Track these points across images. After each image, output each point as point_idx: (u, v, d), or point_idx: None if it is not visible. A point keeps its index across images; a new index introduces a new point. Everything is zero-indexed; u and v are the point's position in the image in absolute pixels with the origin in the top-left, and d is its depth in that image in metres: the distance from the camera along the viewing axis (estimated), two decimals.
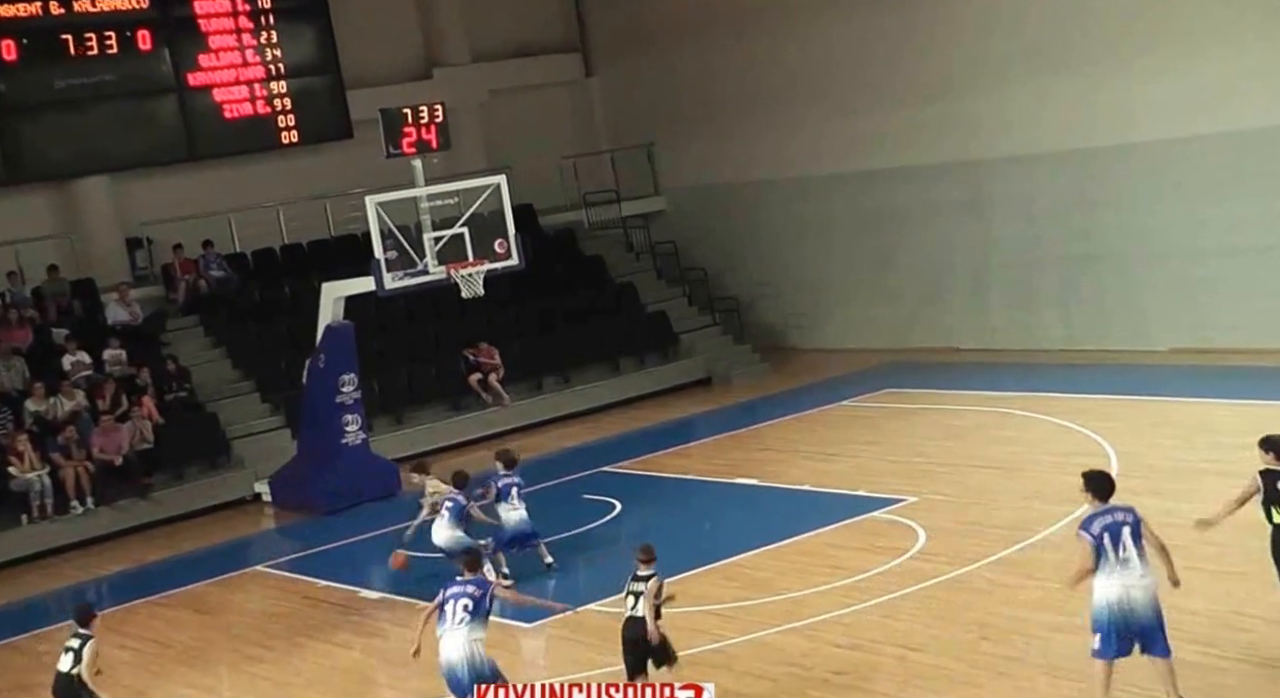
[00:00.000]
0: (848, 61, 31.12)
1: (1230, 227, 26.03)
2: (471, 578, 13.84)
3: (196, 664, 17.65)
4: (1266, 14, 24.73)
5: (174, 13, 30.57)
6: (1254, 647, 13.42)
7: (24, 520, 24.84)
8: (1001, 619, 15.17)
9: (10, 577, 23.71)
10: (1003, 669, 13.78)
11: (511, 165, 27.82)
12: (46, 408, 26.23)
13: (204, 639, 18.80)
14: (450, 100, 26.29)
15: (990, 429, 23.77)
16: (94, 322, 29.05)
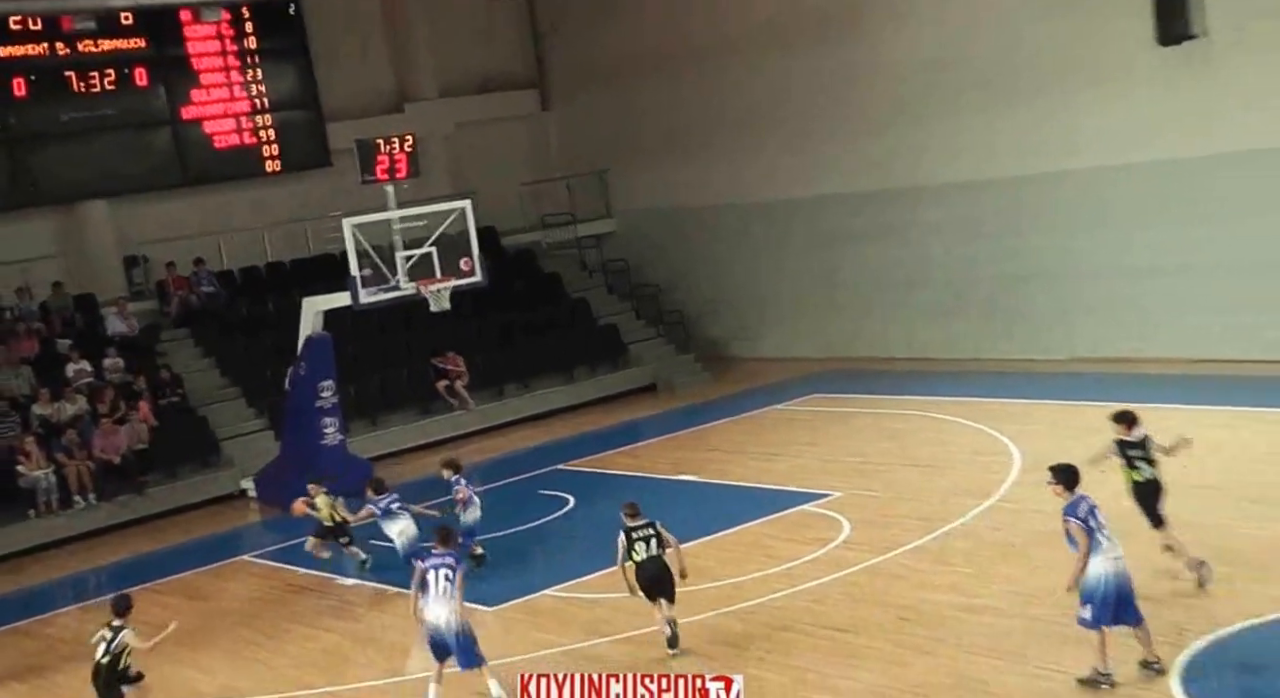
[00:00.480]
0: (792, 95, 31.08)
1: (1154, 248, 26.04)
2: (447, 551, 14.09)
3: (192, 646, 17.52)
4: (1189, 58, 24.87)
5: (168, 52, 30.68)
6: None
7: (31, 515, 24.82)
8: (917, 602, 15.24)
9: (18, 567, 23.61)
10: (920, 647, 13.83)
11: (475, 191, 27.76)
12: (52, 412, 26.17)
13: (197, 623, 18.66)
14: (419, 132, 26.24)
15: (914, 432, 23.79)
16: (94, 333, 28.96)
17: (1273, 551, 15.33)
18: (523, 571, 18.81)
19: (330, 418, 25.07)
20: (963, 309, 29.05)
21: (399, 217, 23.43)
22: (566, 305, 33.40)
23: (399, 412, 29.30)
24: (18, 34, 29.06)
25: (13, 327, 28.41)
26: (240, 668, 16.62)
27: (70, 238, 30.82)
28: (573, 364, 31.31)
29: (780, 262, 32.37)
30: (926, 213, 29.30)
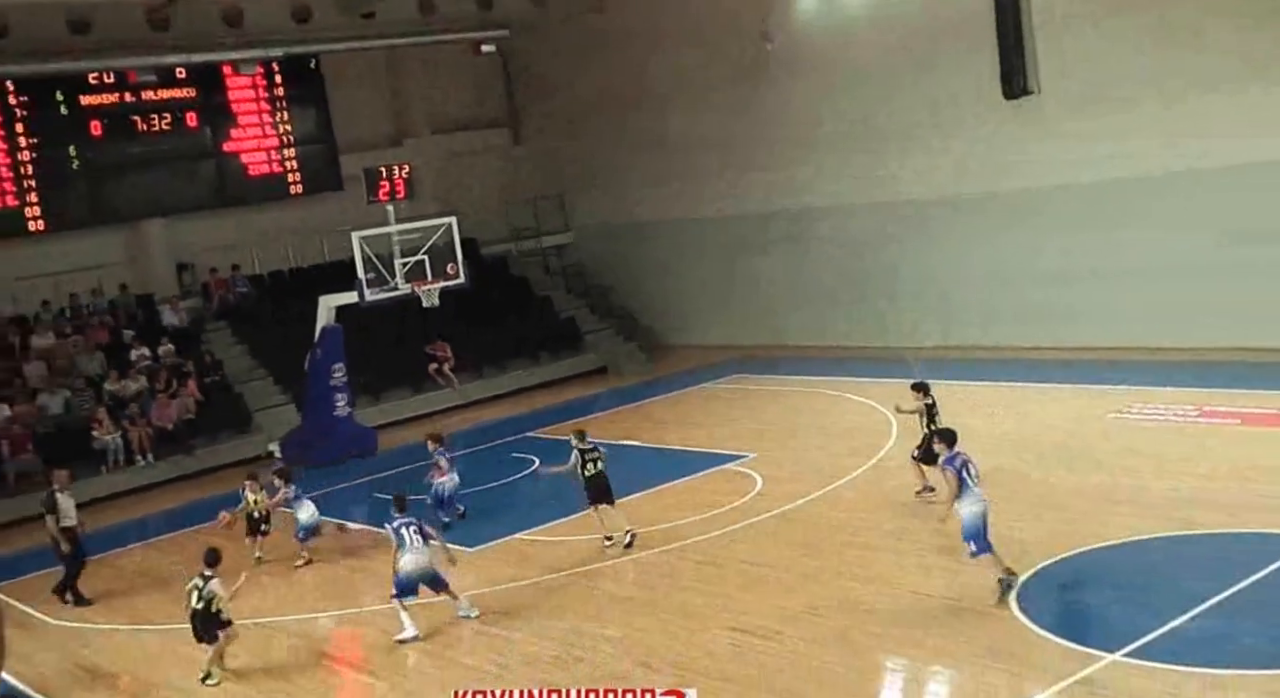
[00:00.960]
0: (714, 132, 30.78)
1: (983, 260, 26.30)
2: (404, 516, 14.33)
3: (227, 577, 17.35)
4: (1005, 114, 25.08)
5: (213, 99, 30.67)
6: None
7: (103, 470, 24.70)
8: (816, 539, 15.27)
9: (93, 512, 23.17)
10: (814, 576, 13.89)
11: (459, 209, 27.51)
12: (119, 388, 26.06)
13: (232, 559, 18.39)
14: (415, 162, 26.26)
15: (809, 404, 23.83)
16: (152, 325, 28.72)
17: (1080, 495, 15.46)
18: (497, 519, 18.71)
19: (341, 394, 24.91)
20: (848, 306, 29.05)
21: (397, 230, 23.26)
22: (533, 302, 33.23)
23: (397, 389, 29.11)
24: (94, 86, 29.07)
25: (89, 320, 28.35)
26: (266, 596, 16.50)
27: (134, 248, 30.49)
28: (538, 350, 31.17)
29: (707, 267, 32.31)
30: (818, 228, 29.34)
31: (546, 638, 13.22)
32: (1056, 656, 10.93)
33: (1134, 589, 12.33)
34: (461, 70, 34.64)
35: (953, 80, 25.99)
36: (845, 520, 15.98)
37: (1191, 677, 10.10)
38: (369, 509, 20.71)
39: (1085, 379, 22.07)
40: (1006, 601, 12.24)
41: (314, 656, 14.04)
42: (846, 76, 27.95)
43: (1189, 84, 22.47)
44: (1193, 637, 10.86)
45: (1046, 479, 16.51)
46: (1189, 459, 16.48)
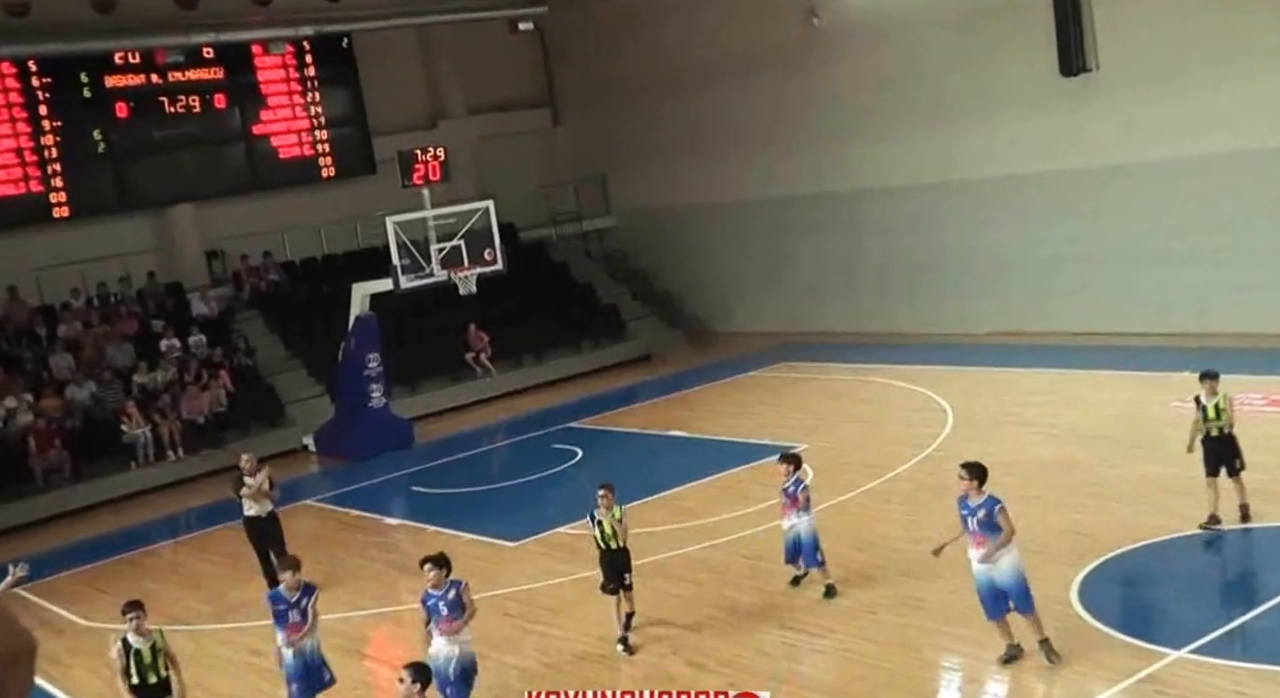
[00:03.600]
0: (757, 113, 31.06)
1: (1038, 242, 26.31)
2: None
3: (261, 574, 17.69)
4: (1085, 87, 25.04)
5: (242, 80, 30.79)
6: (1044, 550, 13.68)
7: (132, 466, 24.99)
8: (869, 535, 15.37)
9: (122, 509, 23.74)
10: (869, 573, 13.97)
11: (496, 193, 27.73)
12: (148, 380, 26.29)
13: None
14: (450, 144, 26.27)
15: (859, 393, 23.95)
16: (182, 314, 29.01)
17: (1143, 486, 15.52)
18: (539, 511, 18.89)
19: (376, 385, 25.14)
20: (898, 290, 29.16)
21: (433, 215, 23.47)
22: (574, 289, 33.41)
23: (433, 379, 29.32)
24: (120, 67, 29.21)
25: (116, 309, 28.63)
26: None
27: (162, 235, 30.85)
28: (579, 338, 31.34)
29: (753, 251, 32.41)
30: (868, 210, 29.40)
31: (594, 636, 13.40)
32: (1120, 653, 11.04)
33: (1198, 584, 12.44)
34: (498, 49, 34.80)
35: (1008, 57, 25.99)
36: (899, 514, 16.07)
37: (1259, 675, 10.19)
38: (407, 504, 21.00)
39: (1145, 366, 22.02)
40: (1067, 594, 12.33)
41: (352, 655, 14.25)
42: (896, 54, 27.98)
43: (1256, 59, 22.41)
44: (1260, 633, 10.95)
45: (1107, 469, 16.55)
46: (1254, 449, 16.34)
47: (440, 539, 18.22)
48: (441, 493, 21.32)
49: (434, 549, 17.57)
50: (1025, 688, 11.04)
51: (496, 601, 14.74)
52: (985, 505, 11.05)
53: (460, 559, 16.84)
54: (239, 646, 14.91)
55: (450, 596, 11.48)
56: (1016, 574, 10.96)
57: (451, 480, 21.99)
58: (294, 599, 12.00)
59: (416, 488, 22.04)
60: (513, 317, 30.74)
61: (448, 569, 11.68)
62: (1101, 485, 15.84)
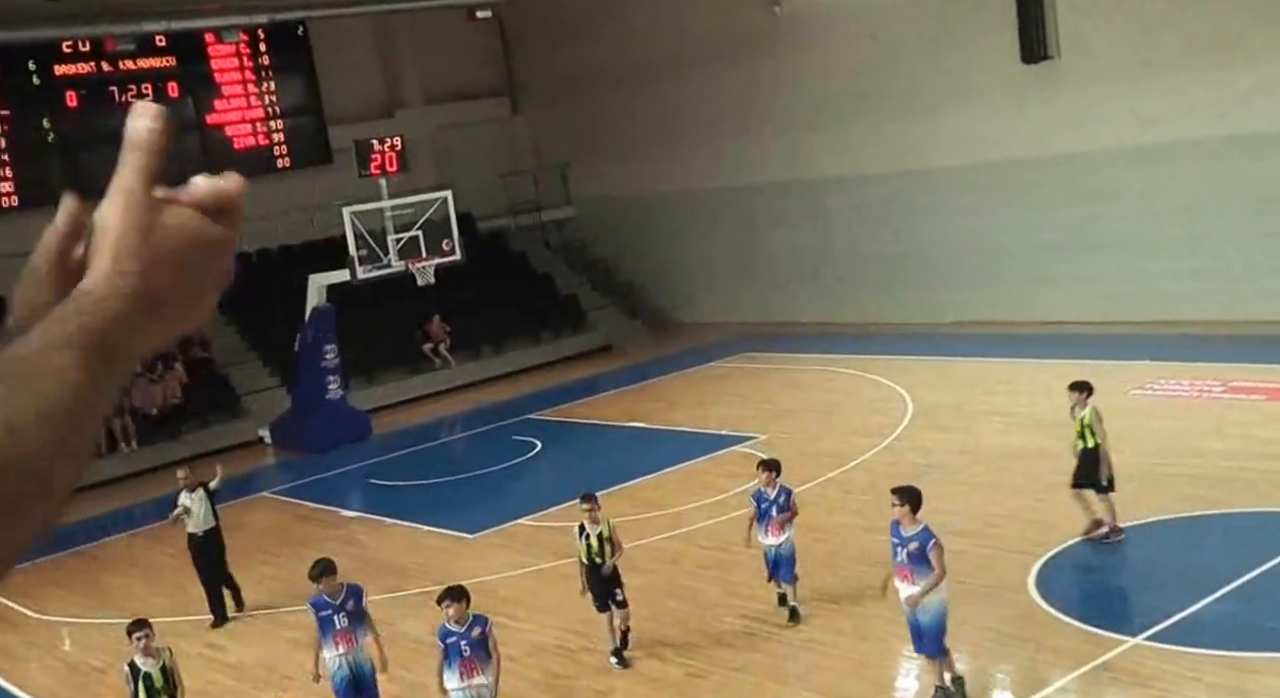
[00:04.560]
0: (721, 102, 31.09)
1: (999, 231, 26.55)
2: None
3: None
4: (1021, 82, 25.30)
5: (195, 68, 30.61)
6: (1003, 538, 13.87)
7: None
8: (828, 523, 15.49)
9: (76, 501, 23.16)
10: (827, 561, 14.09)
11: (455, 183, 27.74)
12: None
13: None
14: (407, 134, 26.26)
15: (822, 383, 24.07)
16: None
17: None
18: (499, 503, 18.94)
19: (333, 376, 25.14)
20: (863, 280, 29.32)
21: (390, 205, 23.48)
22: (533, 279, 33.43)
23: (391, 370, 29.31)
24: (69, 55, 29.02)
25: None
26: (261, 585, 16.76)
27: None
28: (538, 329, 31.37)
29: (713, 241, 32.52)
30: (831, 199, 29.54)
31: (553, 627, 13.48)
32: (1076, 640, 11.21)
33: (1156, 571, 12.63)
34: (456, 37, 34.73)
35: (970, 45, 26.17)
36: (858, 504, 16.22)
37: (1214, 660, 10.39)
38: (364, 496, 21.01)
39: (1106, 354, 22.26)
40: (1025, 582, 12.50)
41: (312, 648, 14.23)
42: (857, 43, 28.11)
43: (1216, 48, 22.68)
44: (1215, 620, 11.14)
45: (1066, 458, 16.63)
46: (1213, 436, 16.75)
47: (399, 531, 18.29)
48: (400, 485, 21.34)
49: (392, 541, 17.77)
50: (983, 676, 11.19)
51: None
52: (919, 539, 10.35)
53: (419, 552, 17.01)
54: (198, 640, 14.90)
55: (474, 634, 10.35)
56: (938, 618, 10.37)
57: (410, 473, 22.01)
58: (339, 602, 11.05)
59: (374, 480, 22.05)
60: (471, 307, 30.74)
61: (467, 602, 10.58)
62: (1061, 474, 15.90)
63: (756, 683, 11.56)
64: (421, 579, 15.71)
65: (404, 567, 16.47)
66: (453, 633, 10.35)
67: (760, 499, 12.80)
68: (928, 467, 17.11)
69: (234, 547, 18.54)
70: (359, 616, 11.14)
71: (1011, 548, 13.59)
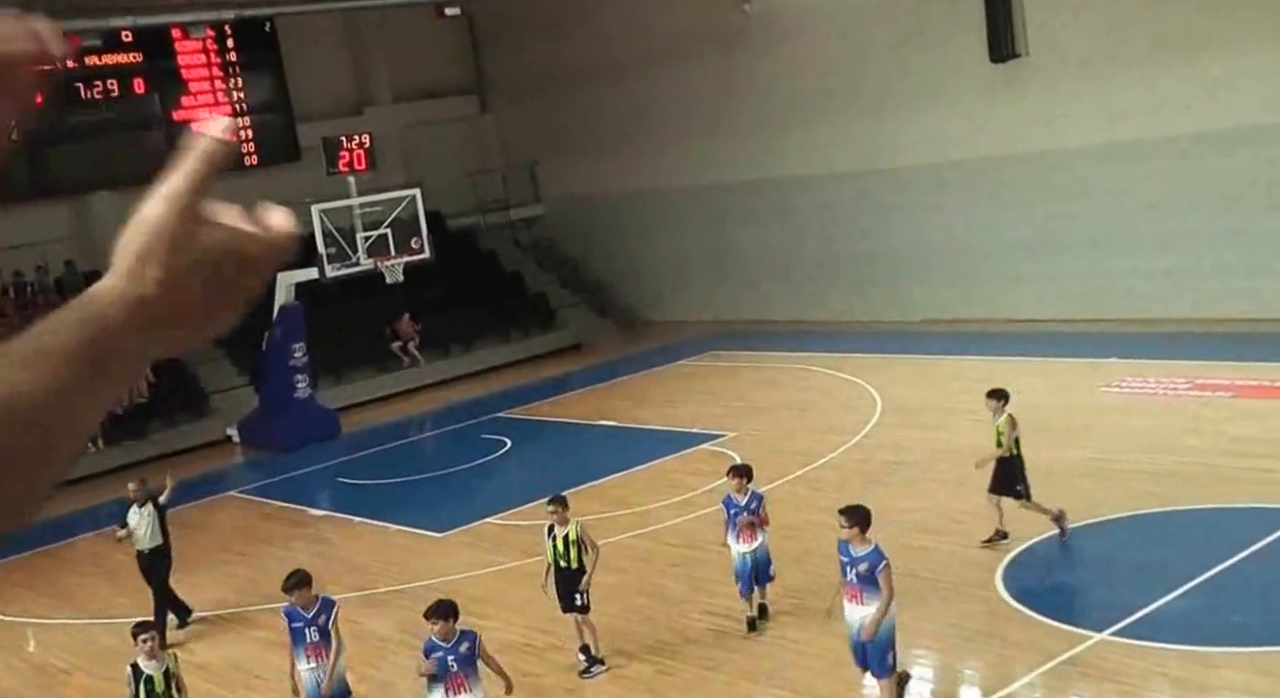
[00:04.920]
0: (690, 101, 31.17)
1: (969, 229, 26.70)
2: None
3: (187, 567, 17.49)
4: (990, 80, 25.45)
5: (161, 64, 30.33)
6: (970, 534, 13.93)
7: None
8: (796, 521, 15.50)
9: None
10: (797, 558, 14.10)
11: (424, 181, 27.68)
12: None
13: (191, 548, 18.62)
14: (376, 131, 26.21)
15: (792, 381, 24.12)
16: None
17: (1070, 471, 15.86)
18: (467, 502, 18.91)
19: (301, 375, 25.06)
20: (832, 278, 29.39)
21: (359, 203, 23.44)
22: (502, 278, 33.40)
23: (360, 368, 29.24)
24: None
25: (33, 299, 28.35)
26: (228, 585, 16.70)
27: (80, 223, 30.48)
28: (508, 327, 31.34)
29: (683, 239, 32.54)
30: (800, 198, 29.60)
31: (521, 625, 13.46)
32: (1043, 635, 11.26)
33: (1122, 566, 12.70)
34: (425, 35, 34.67)
35: (938, 43, 26.28)
36: (828, 501, 16.19)
37: (1180, 655, 10.47)
38: (333, 495, 20.94)
39: (1074, 352, 22.43)
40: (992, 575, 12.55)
41: (275, 648, 14.18)
42: (829, 40, 28.17)
43: (1182, 46, 22.83)
44: (1180, 615, 11.23)
45: (1037, 455, 16.68)
46: (1179, 433, 16.90)
47: (367, 530, 18.24)
48: (368, 484, 21.28)
49: (360, 540, 17.72)
50: (951, 672, 11.24)
51: (423, 591, 14.72)
52: (869, 559, 9.99)
53: (387, 550, 16.97)
54: None
55: (462, 649, 10.00)
56: (886, 638, 10.04)
57: (378, 471, 21.95)
58: (311, 615, 10.88)
59: (343, 479, 21.98)
60: (440, 305, 30.68)
61: (455, 618, 10.16)
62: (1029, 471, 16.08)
63: (728, 681, 11.57)
64: (389, 578, 15.70)
65: (372, 565, 16.43)
66: (439, 648, 10.04)
67: (730, 505, 12.57)
68: (897, 465, 17.20)
69: (202, 548, 18.52)
70: (329, 631, 10.92)
71: (979, 545, 13.63)
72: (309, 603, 10.94)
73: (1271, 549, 12.45)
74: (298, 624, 10.88)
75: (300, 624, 10.86)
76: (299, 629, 10.86)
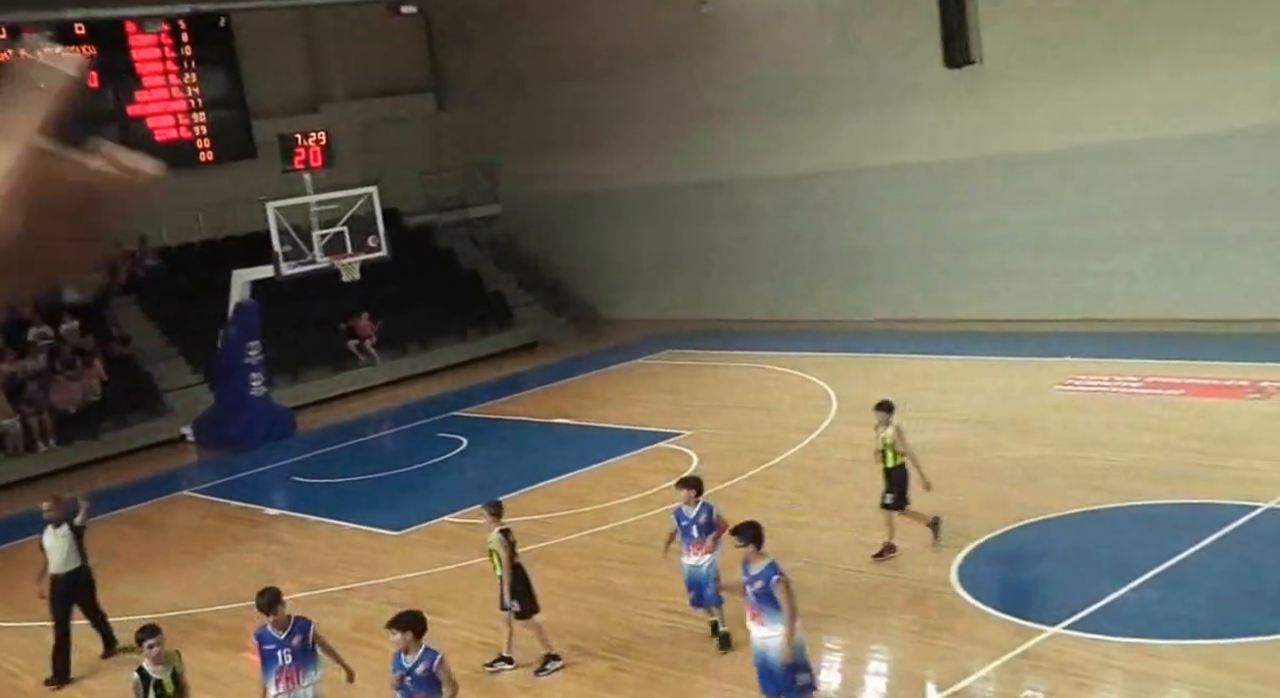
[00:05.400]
0: (644, 102, 31.29)
1: (924, 231, 26.91)
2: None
3: (140, 568, 17.46)
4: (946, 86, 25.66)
5: (115, 59, 30.02)
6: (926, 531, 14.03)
7: (0, 457, 24.36)
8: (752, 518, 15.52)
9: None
10: None
11: (380, 179, 27.57)
12: (17, 369, 25.65)
13: (145, 548, 18.59)
14: (332, 128, 26.09)
15: (747, 379, 24.21)
16: (53, 301, 28.32)
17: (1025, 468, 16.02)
18: (424, 500, 18.86)
19: (256, 373, 24.92)
20: (789, 278, 29.53)
21: (315, 200, 23.33)
22: (459, 276, 33.33)
23: (316, 367, 29.09)
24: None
25: None
26: (183, 586, 16.56)
27: None
28: (464, 326, 31.28)
29: (642, 238, 32.58)
30: (758, 198, 29.71)
31: (478, 623, 13.43)
32: (998, 630, 11.37)
33: (1075, 562, 12.85)
34: (381, 32, 34.56)
35: (895, 48, 26.49)
36: (782, 498, 16.33)
37: (1130, 648, 10.60)
38: (289, 494, 20.83)
39: (1029, 352, 22.66)
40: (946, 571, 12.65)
41: (230, 649, 14.10)
42: (787, 43, 28.33)
43: (1133, 54, 23.21)
44: (1132, 608, 11.36)
45: (991, 452, 17.01)
46: (1131, 430, 17.14)
47: (323, 529, 18.16)
48: (324, 483, 21.19)
49: (316, 539, 17.63)
50: (905, 667, 11.32)
51: (380, 589, 14.72)
52: (763, 576, 9.67)
53: (343, 549, 16.91)
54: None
55: (419, 670, 9.64)
56: (790, 659, 9.59)
57: (334, 470, 21.87)
58: (283, 636, 10.31)
59: (298, 478, 21.87)
60: (397, 304, 30.58)
61: (415, 633, 9.77)
62: (984, 468, 16.29)
63: (680, 676, 11.60)
64: (345, 576, 15.64)
65: (327, 564, 16.36)
66: (404, 665, 9.68)
67: (680, 518, 12.30)
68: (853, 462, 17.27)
69: (156, 548, 18.42)
70: (304, 653, 10.34)
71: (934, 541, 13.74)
72: (283, 623, 10.38)
73: (1221, 544, 12.66)
74: (269, 647, 10.30)
75: (272, 647, 10.29)
76: (270, 652, 10.29)
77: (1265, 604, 11.16)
